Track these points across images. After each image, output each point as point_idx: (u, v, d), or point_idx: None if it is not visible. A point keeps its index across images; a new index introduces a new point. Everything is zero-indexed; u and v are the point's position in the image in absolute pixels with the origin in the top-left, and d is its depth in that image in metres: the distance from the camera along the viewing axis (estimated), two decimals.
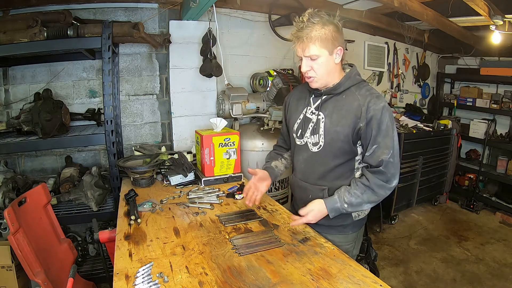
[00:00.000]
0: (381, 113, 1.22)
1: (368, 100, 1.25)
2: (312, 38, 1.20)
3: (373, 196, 1.26)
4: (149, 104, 2.69)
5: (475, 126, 4.01)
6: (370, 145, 1.25)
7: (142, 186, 1.96)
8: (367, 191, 1.26)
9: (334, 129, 1.30)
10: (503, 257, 2.82)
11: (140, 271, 1.08)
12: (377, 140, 1.23)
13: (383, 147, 1.23)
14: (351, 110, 1.27)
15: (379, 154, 1.23)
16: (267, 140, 2.50)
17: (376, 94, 1.28)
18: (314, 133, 1.35)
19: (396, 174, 1.26)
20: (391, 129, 1.24)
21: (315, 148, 1.35)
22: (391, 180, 1.25)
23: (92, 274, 2.22)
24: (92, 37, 2.01)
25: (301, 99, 1.47)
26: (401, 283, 2.49)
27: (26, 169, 2.46)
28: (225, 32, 2.76)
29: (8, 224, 1.32)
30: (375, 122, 1.22)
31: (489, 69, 3.83)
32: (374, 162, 1.25)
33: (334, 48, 1.24)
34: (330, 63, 1.26)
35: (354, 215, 1.41)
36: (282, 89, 2.57)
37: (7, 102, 2.38)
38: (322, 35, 1.20)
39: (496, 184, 3.86)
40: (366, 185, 1.26)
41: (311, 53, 1.23)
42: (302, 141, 1.41)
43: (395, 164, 1.25)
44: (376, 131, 1.23)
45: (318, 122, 1.34)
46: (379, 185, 1.24)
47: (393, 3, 2.48)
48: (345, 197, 1.27)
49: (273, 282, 1.03)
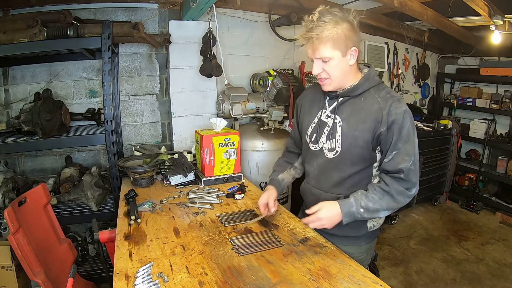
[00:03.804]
0: (402, 118, 1.15)
1: (389, 104, 1.17)
2: (323, 39, 1.12)
3: (392, 202, 1.17)
4: (149, 104, 2.69)
5: (475, 126, 4.01)
6: (390, 151, 1.17)
7: (142, 186, 1.96)
8: (386, 196, 1.17)
9: (352, 134, 1.22)
10: (503, 257, 2.82)
11: (140, 271, 1.08)
12: (398, 146, 1.16)
13: (403, 153, 1.16)
14: (371, 113, 1.19)
15: (399, 161, 1.16)
16: (267, 140, 2.50)
17: (397, 97, 1.21)
18: (330, 138, 1.27)
19: (417, 183, 1.18)
20: (412, 134, 1.17)
21: (331, 154, 1.27)
22: (411, 188, 1.18)
23: (92, 274, 2.22)
24: (92, 37, 2.01)
25: (315, 101, 1.38)
26: (401, 283, 2.49)
27: (26, 169, 2.46)
28: (225, 32, 2.76)
29: (8, 224, 1.32)
30: (397, 127, 1.15)
31: (489, 69, 3.83)
32: (393, 169, 1.17)
33: (348, 49, 1.16)
34: (343, 65, 1.18)
35: (369, 225, 1.34)
36: (282, 89, 2.57)
37: (7, 102, 2.38)
38: (334, 35, 1.11)
39: (496, 184, 3.86)
40: (385, 190, 1.17)
41: (322, 55, 1.15)
42: (316, 146, 1.32)
43: (416, 171, 1.17)
44: (397, 136, 1.16)
45: (334, 127, 1.26)
46: (399, 192, 1.16)
47: (393, 3, 2.48)
48: (361, 201, 1.16)
49: (273, 282, 1.03)
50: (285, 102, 2.59)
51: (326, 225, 1.19)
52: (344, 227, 1.31)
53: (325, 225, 1.19)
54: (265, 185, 2.51)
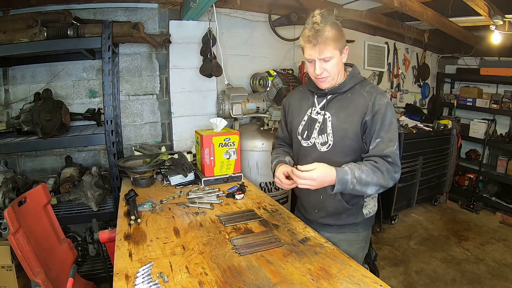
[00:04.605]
0: (385, 108, 1.25)
1: (374, 96, 1.27)
2: (327, 40, 1.20)
3: (381, 178, 1.21)
4: (149, 104, 2.69)
5: (475, 126, 4.01)
6: (374, 139, 1.25)
7: (142, 186, 1.96)
8: (376, 171, 1.21)
9: (342, 127, 1.30)
10: (503, 257, 2.82)
11: (140, 271, 1.07)
12: (381, 134, 1.24)
13: (386, 140, 1.24)
14: (358, 107, 1.28)
15: (383, 147, 1.23)
16: (267, 140, 2.50)
17: (380, 90, 1.31)
18: (321, 133, 1.34)
19: (399, 168, 1.26)
20: (394, 124, 1.27)
21: (324, 147, 1.34)
22: (397, 172, 1.25)
23: (92, 274, 2.22)
24: (92, 37, 2.01)
25: (303, 100, 1.45)
26: (401, 283, 2.49)
27: (26, 169, 2.46)
28: (225, 32, 2.76)
29: (8, 224, 1.32)
30: (380, 116, 1.24)
31: (489, 69, 3.84)
32: (379, 155, 1.24)
33: (343, 48, 1.27)
34: (340, 63, 1.29)
35: (365, 212, 1.41)
36: (282, 89, 2.57)
37: (7, 102, 2.38)
38: (334, 35, 1.21)
39: (496, 184, 3.86)
40: (375, 166, 1.22)
41: (326, 55, 1.23)
42: (309, 142, 1.39)
43: (398, 157, 1.26)
44: (380, 124, 1.24)
45: (325, 122, 1.33)
46: (388, 169, 1.22)
47: (393, 3, 2.48)
48: (355, 171, 1.19)
49: (273, 282, 1.03)
50: None
51: (314, 186, 1.18)
52: (342, 216, 1.40)
53: (313, 187, 1.18)
54: (265, 185, 2.51)
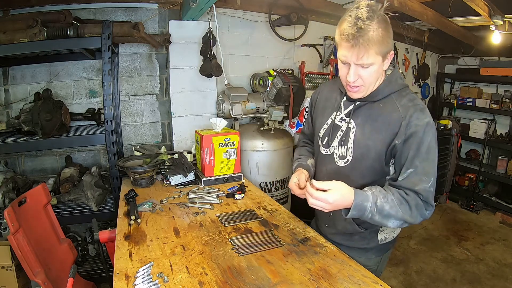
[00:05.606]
0: (423, 131, 1.01)
1: (410, 113, 1.03)
2: (370, 42, 0.95)
3: (407, 214, 1.00)
4: (149, 104, 2.69)
5: (475, 126, 4.01)
6: (405, 168, 1.03)
7: (142, 186, 1.96)
8: (404, 205, 1.00)
9: (366, 143, 1.10)
10: (503, 257, 2.82)
11: (140, 271, 1.08)
12: (415, 163, 1.01)
13: (421, 173, 1.01)
14: (389, 122, 1.06)
15: (415, 181, 1.01)
16: (267, 140, 2.49)
17: (420, 106, 1.05)
18: (342, 144, 1.16)
19: (433, 207, 1.04)
20: (433, 151, 1.03)
21: (342, 162, 1.17)
22: (429, 210, 1.03)
23: (92, 274, 2.22)
24: (92, 37, 2.01)
25: (330, 100, 1.27)
26: (401, 283, 2.49)
27: (26, 169, 2.46)
28: (225, 32, 2.76)
29: (8, 224, 1.32)
30: (415, 141, 1.01)
31: (489, 69, 3.84)
32: (408, 188, 1.03)
33: (387, 53, 1.02)
34: (380, 70, 1.05)
35: (380, 238, 1.23)
36: (282, 89, 2.57)
37: (7, 102, 2.38)
38: (380, 37, 0.95)
39: (496, 184, 3.87)
40: (404, 198, 1.01)
41: (366, 62, 0.99)
42: (328, 150, 1.22)
43: (432, 195, 1.03)
44: (415, 151, 1.01)
45: (348, 132, 1.15)
46: (418, 205, 1.01)
47: (393, 3, 2.48)
48: (378, 199, 1.00)
49: (273, 282, 1.03)
50: (285, 102, 2.59)
51: (327, 210, 1.01)
52: (353, 237, 1.24)
53: (327, 210, 1.02)
54: (265, 185, 2.51)
